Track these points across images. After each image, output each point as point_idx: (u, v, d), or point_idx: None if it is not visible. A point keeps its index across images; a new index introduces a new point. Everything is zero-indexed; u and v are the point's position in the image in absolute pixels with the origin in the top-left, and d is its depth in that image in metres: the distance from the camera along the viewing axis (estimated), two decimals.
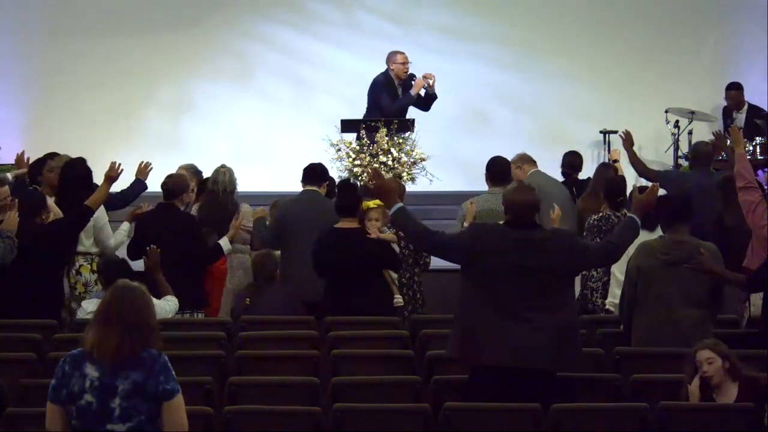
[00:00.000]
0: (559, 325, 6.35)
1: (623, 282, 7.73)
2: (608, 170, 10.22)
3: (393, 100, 11.95)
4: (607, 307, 8.69)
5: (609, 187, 9.39)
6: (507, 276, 6.33)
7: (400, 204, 6.63)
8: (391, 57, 12.13)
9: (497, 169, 9.37)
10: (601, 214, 9.13)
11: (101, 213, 9.04)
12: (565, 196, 10.17)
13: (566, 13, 14.83)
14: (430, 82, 12.05)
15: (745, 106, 13.75)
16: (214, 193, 9.45)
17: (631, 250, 7.35)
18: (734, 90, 13.73)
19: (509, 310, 6.32)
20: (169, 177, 9.25)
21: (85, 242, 9.10)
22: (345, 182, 9.15)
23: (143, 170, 9.78)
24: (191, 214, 9.43)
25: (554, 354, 6.33)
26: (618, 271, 8.54)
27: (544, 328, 6.31)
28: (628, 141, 10.67)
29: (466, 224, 8.76)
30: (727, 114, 13.89)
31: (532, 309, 6.33)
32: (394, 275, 8.80)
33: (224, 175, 9.49)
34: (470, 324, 6.38)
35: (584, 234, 9.09)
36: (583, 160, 11.68)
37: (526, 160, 10.22)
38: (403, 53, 12.14)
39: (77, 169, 9.27)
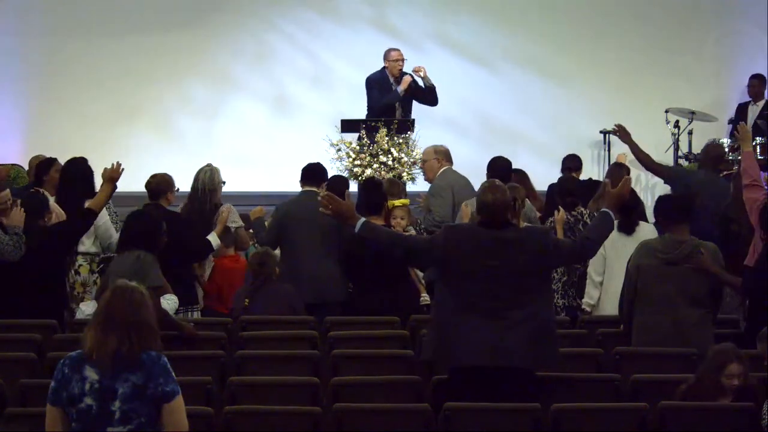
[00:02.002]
0: (536, 324, 6.34)
1: (623, 281, 7.72)
2: (622, 170, 10.15)
3: (382, 96, 11.98)
4: (583, 307, 8.68)
5: (559, 187, 9.41)
6: (482, 276, 6.32)
7: (363, 219, 6.60)
8: (386, 54, 12.23)
9: (498, 170, 9.37)
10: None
11: (103, 211, 9.04)
12: (473, 195, 10.14)
13: (566, 14, 14.83)
14: (421, 74, 12.08)
15: (763, 100, 13.85)
16: (194, 191, 9.46)
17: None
18: (757, 79, 13.94)
19: (485, 310, 6.31)
20: (153, 177, 9.24)
21: (85, 242, 9.09)
22: (370, 180, 9.14)
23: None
24: (177, 212, 9.43)
25: (532, 352, 6.32)
26: (594, 272, 8.54)
27: (521, 327, 6.30)
28: (624, 135, 10.37)
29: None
30: (742, 110, 13.94)
31: (509, 308, 6.32)
32: (420, 273, 8.79)
33: (205, 173, 9.47)
34: (447, 325, 6.38)
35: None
36: (582, 161, 11.67)
37: (446, 156, 10.23)
38: (397, 50, 12.18)
39: (78, 167, 9.26)
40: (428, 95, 12.19)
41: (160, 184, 9.14)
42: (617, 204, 6.80)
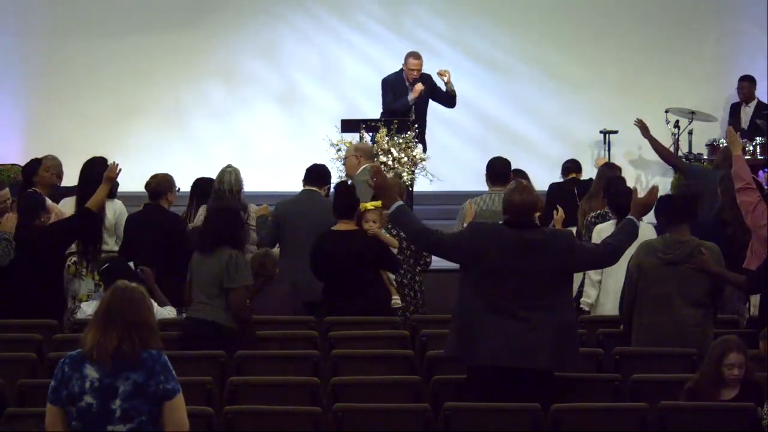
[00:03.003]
0: (557, 325, 6.34)
1: (624, 281, 7.72)
2: (613, 171, 10.15)
3: (395, 100, 12.01)
4: (581, 306, 8.69)
5: (610, 184, 9.30)
6: (505, 276, 6.32)
7: (400, 202, 6.61)
8: (405, 58, 12.25)
9: (497, 170, 9.36)
10: (599, 211, 9.10)
11: (122, 210, 9.06)
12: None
13: (566, 14, 14.83)
14: (444, 79, 12.10)
15: (755, 102, 13.85)
16: (221, 193, 9.41)
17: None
18: (747, 81, 13.89)
19: (507, 310, 6.31)
20: (153, 177, 9.19)
21: (108, 241, 9.07)
22: (342, 184, 9.13)
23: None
24: (177, 213, 9.40)
25: (552, 354, 6.31)
26: (593, 272, 8.53)
27: (542, 328, 6.30)
28: (644, 130, 10.65)
29: (464, 225, 8.74)
30: (735, 109, 13.95)
31: (530, 309, 6.32)
32: (392, 276, 8.80)
33: (230, 174, 9.42)
34: (468, 323, 6.38)
35: (582, 232, 9.09)
36: (581, 164, 11.69)
37: (367, 154, 10.31)
38: (417, 58, 12.14)
39: (98, 167, 9.24)
40: (447, 99, 12.20)
41: (160, 185, 9.10)
42: (643, 212, 6.80)
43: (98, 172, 8.94)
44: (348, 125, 11.85)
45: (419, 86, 12.00)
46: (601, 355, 7.30)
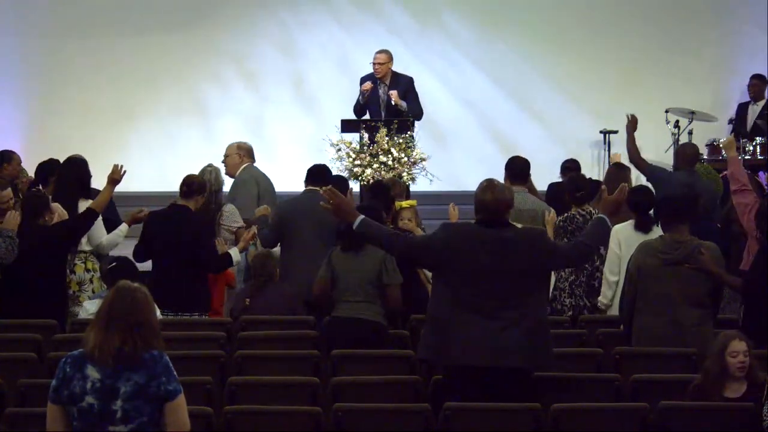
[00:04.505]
0: (531, 325, 6.31)
1: (624, 281, 7.73)
2: (623, 171, 10.12)
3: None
4: (598, 305, 8.70)
5: (569, 182, 9.41)
6: (479, 276, 6.29)
7: (362, 216, 6.56)
8: None
9: (516, 169, 9.37)
10: (566, 214, 9.12)
11: None
12: (273, 191, 10.41)
13: (566, 14, 14.84)
14: (393, 101, 11.90)
15: (764, 100, 13.87)
16: None
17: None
18: (757, 79, 13.93)
19: (481, 310, 6.28)
20: (187, 177, 9.14)
21: (81, 241, 9.08)
22: (377, 183, 9.14)
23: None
24: (201, 216, 9.33)
25: (527, 353, 6.30)
26: (609, 271, 8.54)
27: (516, 328, 6.27)
28: (632, 124, 10.63)
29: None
30: (742, 109, 13.95)
31: (504, 308, 6.29)
32: (429, 274, 8.77)
33: (210, 173, 9.46)
34: (443, 324, 6.36)
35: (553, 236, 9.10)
36: (581, 164, 11.69)
37: (249, 152, 10.48)
38: (380, 53, 12.03)
39: (75, 166, 9.24)
40: (407, 114, 12.02)
41: (190, 186, 9.01)
42: (613, 210, 6.77)
43: (73, 171, 9.03)
44: (348, 125, 11.85)
45: (365, 85, 11.92)
46: (601, 355, 7.31)
